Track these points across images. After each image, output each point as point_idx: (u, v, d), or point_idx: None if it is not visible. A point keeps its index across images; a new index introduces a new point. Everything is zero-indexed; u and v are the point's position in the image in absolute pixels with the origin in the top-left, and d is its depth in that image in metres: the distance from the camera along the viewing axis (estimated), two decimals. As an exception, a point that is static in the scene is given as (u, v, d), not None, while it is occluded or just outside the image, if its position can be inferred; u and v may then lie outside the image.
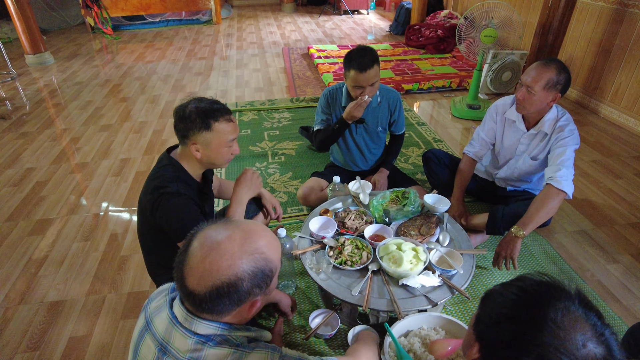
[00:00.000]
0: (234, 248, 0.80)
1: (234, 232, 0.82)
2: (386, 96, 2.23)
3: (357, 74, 1.95)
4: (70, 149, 3.23)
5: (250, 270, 0.80)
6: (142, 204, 1.47)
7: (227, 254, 0.79)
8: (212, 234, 0.82)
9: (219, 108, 1.42)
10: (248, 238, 0.83)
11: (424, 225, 1.82)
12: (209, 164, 1.50)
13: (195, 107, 1.39)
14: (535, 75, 1.78)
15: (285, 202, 2.50)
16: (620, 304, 1.82)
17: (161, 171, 1.45)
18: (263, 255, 0.82)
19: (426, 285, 1.54)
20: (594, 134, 3.33)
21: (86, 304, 1.88)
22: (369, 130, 2.27)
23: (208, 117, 1.38)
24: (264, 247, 0.84)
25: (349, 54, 1.99)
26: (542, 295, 0.64)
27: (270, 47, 6.00)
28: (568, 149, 1.82)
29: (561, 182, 1.76)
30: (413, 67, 4.65)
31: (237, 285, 0.79)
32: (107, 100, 4.19)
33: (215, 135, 1.40)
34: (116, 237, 2.29)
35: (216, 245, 0.80)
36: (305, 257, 1.68)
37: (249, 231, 0.84)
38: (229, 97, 4.16)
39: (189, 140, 1.42)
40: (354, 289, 1.53)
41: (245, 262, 0.80)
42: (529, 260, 2.03)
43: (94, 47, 6.14)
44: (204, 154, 1.44)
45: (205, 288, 0.78)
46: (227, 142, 1.45)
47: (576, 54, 3.83)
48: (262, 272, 0.82)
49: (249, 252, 0.81)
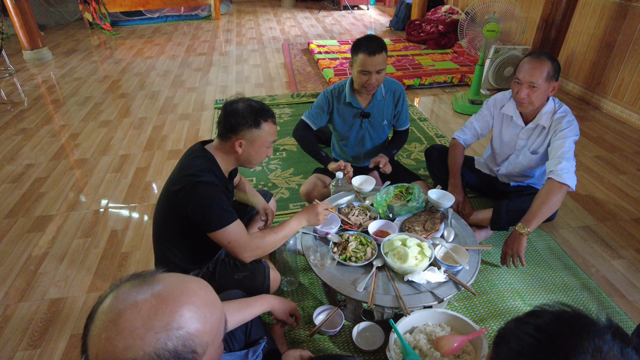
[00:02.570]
0: (135, 323, 0.59)
1: (145, 298, 0.61)
2: (390, 88, 2.21)
3: (365, 57, 1.92)
4: (70, 145, 3.20)
5: (154, 354, 0.58)
6: (170, 193, 1.45)
7: (125, 331, 0.58)
8: (123, 295, 0.63)
9: (267, 109, 1.50)
10: (160, 307, 0.61)
11: (429, 221, 1.80)
12: (245, 161, 1.53)
13: (248, 105, 1.45)
14: (534, 70, 1.76)
15: (287, 198, 2.48)
16: (626, 300, 1.80)
17: (194, 162, 1.45)
18: (179, 332, 0.60)
19: (431, 281, 1.53)
20: (597, 129, 3.32)
21: (87, 302, 1.86)
22: (374, 124, 2.25)
23: (259, 115, 1.45)
24: (184, 319, 0.62)
25: (357, 41, 1.98)
26: (565, 337, 0.52)
27: (270, 42, 5.96)
28: (567, 140, 1.80)
29: (562, 175, 1.74)
30: (414, 63, 4.62)
31: None
32: (106, 96, 4.16)
33: (261, 134, 1.46)
34: (116, 233, 2.27)
35: (117, 316, 0.60)
36: (308, 253, 1.67)
37: (166, 297, 0.62)
38: (229, 93, 4.13)
39: (234, 135, 1.45)
40: (359, 285, 1.52)
41: (148, 342, 0.58)
42: (533, 256, 2.01)
43: (93, 43, 6.10)
44: (245, 150, 1.48)
45: None
46: (268, 143, 1.51)
47: (578, 49, 3.80)
48: (175, 355, 0.60)
49: (157, 329, 0.59)
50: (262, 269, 1.61)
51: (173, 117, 3.64)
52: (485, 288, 1.83)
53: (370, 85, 2.01)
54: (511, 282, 1.86)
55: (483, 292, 1.81)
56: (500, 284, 1.85)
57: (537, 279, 1.89)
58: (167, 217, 1.52)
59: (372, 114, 2.21)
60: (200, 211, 1.38)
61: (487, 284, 1.85)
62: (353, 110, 2.21)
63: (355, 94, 2.17)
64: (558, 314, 0.55)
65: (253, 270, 1.61)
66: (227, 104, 1.47)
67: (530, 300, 1.78)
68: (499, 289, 1.82)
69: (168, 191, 1.46)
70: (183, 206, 1.39)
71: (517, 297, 1.78)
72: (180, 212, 1.42)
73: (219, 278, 1.61)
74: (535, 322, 0.55)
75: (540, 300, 1.77)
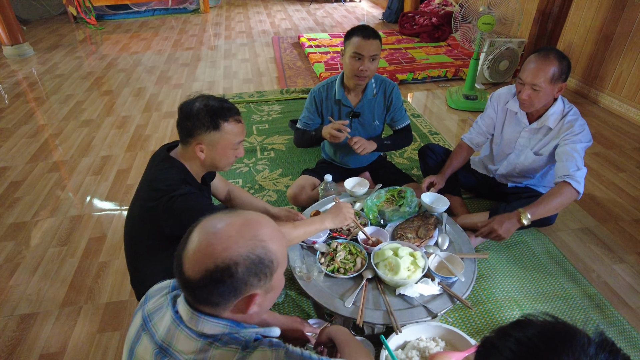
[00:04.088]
0: (231, 232, 0.75)
1: (234, 219, 0.79)
2: (382, 86, 2.10)
3: (360, 40, 1.83)
4: (49, 146, 3.06)
5: (245, 255, 0.74)
6: (145, 209, 1.33)
7: (223, 238, 0.75)
8: (212, 221, 0.78)
9: (228, 107, 1.33)
10: (248, 225, 0.78)
11: (422, 227, 1.70)
12: (212, 166, 1.40)
13: (204, 105, 1.29)
14: (537, 71, 1.64)
15: (275, 201, 2.37)
16: (629, 307, 1.72)
17: (165, 174, 1.33)
18: (263, 244, 0.77)
19: (425, 295, 1.43)
20: (594, 125, 3.23)
21: (60, 317, 1.74)
22: (365, 124, 2.14)
23: (217, 116, 1.29)
24: (265, 235, 0.78)
25: (351, 29, 1.90)
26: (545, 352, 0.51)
27: (259, 36, 5.81)
28: (579, 145, 1.71)
29: (580, 183, 1.65)
30: (407, 57, 4.50)
31: (231, 269, 0.73)
32: (89, 93, 4.00)
33: (223, 136, 1.32)
34: (95, 241, 2.15)
35: (214, 230, 0.76)
36: (294, 264, 1.56)
37: (251, 219, 0.80)
38: (217, 89, 3.99)
39: (193, 139, 1.32)
40: (347, 300, 1.42)
41: (242, 246, 0.74)
42: (532, 261, 1.92)
43: (77, 38, 5.91)
44: (208, 155, 1.34)
45: (199, 273, 0.73)
46: (234, 144, 1.36)
47: (576, 41, 3.70)
48: (259, 259, 0.75)
49: (247, 238, 0.76)
50: None
51: (157, 116, 3.50)
52: (481, 297, 1.73)
53: (362, 73, 1.88)
54: (509, 291, 1.77)
55: (480, 302, 1.71)
56: (498, 292, 1.76)
57: (536, 286, 1.80)
58: (145, 234, 1.40)
59: (363, 113, 2.10)
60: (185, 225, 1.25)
61: (484, 293, 1.75)
62: (342, 109, 2.10)
63: (346, 91, 2.06)
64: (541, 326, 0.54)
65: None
66: (183, 105, 1.31)
67: (529, 310, 1.68)
68: (496, 298, 1.73)
69: (142, 207, 1.33)
70: (166, 225, 1.28)
71: (515, 307, 1.69)
72: (162, 230, 1.31)
73: None
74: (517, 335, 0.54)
75: (538, 309, 1.68)
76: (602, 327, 1.62)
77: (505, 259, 1.93)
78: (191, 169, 1.38)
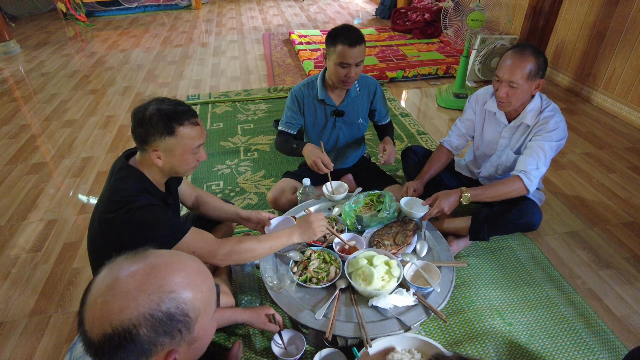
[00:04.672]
0: (130, 286, 0.64)
1: (137, 267, 0.67)
2: (365, 84, 2.04)
3: (345, 49, 1.74)
4: (29, 148, 3.00)
5: (148, 314, 0.62)
6: (103, 220, 1.26)
7: (119, 295, 0.63)
8: (114, 270, 0.67)
9: (184, 110, 1.24)
10: (152, 273, 0.66)
11: (400, 234, 1.65)
12: (172, 172, 1.33)
13: (156, 110, 1.20)
14: (514, 68, 1.59)
15: (255, 204, 2.31)
16: (613, 316, 1.67)
17: (122, 184, 1.26)
18: (172, 295, 0.65)
19: (399, 306, 1.38)
20: (586, 123, 3.16)
21: (28, 326, 1.69)
22: (349, 122, 2.08)
23: (171, 120, 1.20)
24: (176, 284, 0.66)
25: (334, 30, 1.79)
26: None
27: (250, 32, 5.73)
28: (548, 144, 1.66)
29: (532, 182, 1.66)
30: (398, 53, 4.43)
31: (131, 333, 0.62)
32: (74, 92, 3.93)
33: (179, 141, 1.23)
34: (70, 246, 2.09)
35: (113, 282, 0.65)
36: (265, 274, 1.51)
37: (158, 265, 0.68)
38: (203, 88, 3.92)
39: (148, 146, 1.24)
40: (318, 312, 1.36)
41: (142, 304, 0.63)
42: (516, 267, 1.87)
43: (66, 35, 5.83)
44: (166, 161, 1.27)
45: (98, 336, 0.62)
46: (192, 149, 1.27)
47: (568, 38, 3.63)
48: (168, 316, 0.64)
49: (150, 292, 0.64)
50: None
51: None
52: (461, 306, 1.68)
53: (349, 79, 1.84)
54: (490, 299, 1.71)
55: (459, 311, 1.66)
56: (478, 300, 1.70)
57: (518, 293, 1.74)
58: (106, 247, 1.34)
59: (347, 112, 2.04)
60: (147, 238, 1.20)
61: (464, 301, 1.70)
62: (326, 108, 2.04)
63: (328, 90, 1.99)
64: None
65: None
66: (136, 111, 1.23)
67: (511, 318, 1.63)
68: (476, 307, 1.67)
69: (101, 220, 1.26)
70: (125, 238, 1.21)
71: (496, 316, 1.64)
72: (121, 243, 1.23)
73: None
74: None
75: (521, 319, 1.63)
76: (586, 337, 1.56)
77: (488, 265, 1.87)
78: (151, 177, 1.31)
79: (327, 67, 1.89)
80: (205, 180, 2.51)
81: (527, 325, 1.61)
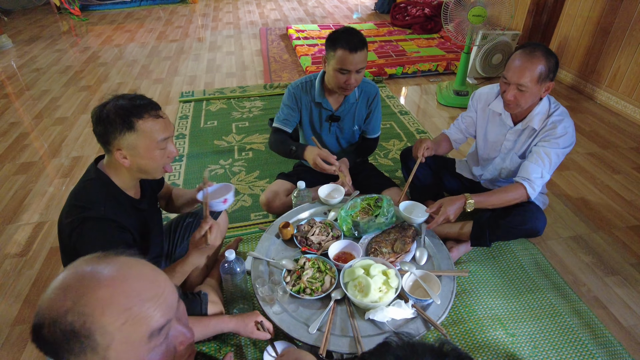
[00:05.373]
0: (62, 283, 0.62)
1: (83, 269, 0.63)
2: (365, 90, 1.96)
3: (346, 54, 1.66)
4: (17, 146, 2.91)
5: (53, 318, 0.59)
6: (62, 226, 1.22)
7: (53, 288, 0.61)
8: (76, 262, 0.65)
9: (142, 104, 1.17)
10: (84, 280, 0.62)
11: (399, 240, 1.58)
12: (141, 172, 1.24)
13: (114, 105, 1.14)
14: (523, 70, 1.50)
15: (249, 206, 2.23)
16: (620, 326, 1.60)
17: (84, 189, 1.20)
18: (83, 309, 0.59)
19: (397, 319, 1.31)
20: (590, 122, 3.08)
21: (10, 336, 1.62)
22: (344, 128, 2.01)
23: (129, 115, 1.13)
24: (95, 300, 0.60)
25: (334, 34, 1.71)
26: None
27: (247, 27, 5.62)
28: (554, 151, 1.60)
29: (535, 191, 1.63)
30: (398, 49, 4.33)
31: (39, 330, 0.59)
32: (66, 89, 3.84)
33: (141, 136, 1.16)
34: (56, 250, 2.01)
35: (61, 275, 0.64)
36: (256, 284, 1.44)
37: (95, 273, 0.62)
38: (198, 84, 3.83)
39: (111, 146, 1.17)
40: (312, 326, 1.29)
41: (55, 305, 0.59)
42: (519, 274, 1.80)
43: (60, 29, 5.71)
44: (132, 161, 1.19)
45: None
46: (157, 143, 1.19)
47: (572, 34, 3.54)
48: (71, 329, 0.58)
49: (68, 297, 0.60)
50: (197, 303, 1.40)
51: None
52: (462, 316, 1.61)
53: (348, 86, 1.75)
54: (492, 307, 1.65)
55: (460, 321, 1.59)
56: (480, 310, 1.63)
57: (521, 302, 1.67)
58: (64, 252, 1.30)
59: (342, 117, 1.97)
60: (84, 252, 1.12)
61: (465, 311, 1.63)
62: (322, 112, 1.96)
63: (326, 94, 1.91)
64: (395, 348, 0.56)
65: (188, 305, 1.38)
66: (94, 110, 1.18)
67: (513, 329, 1.56)
68: (478, 316, 1.61)
69: (61, 224, 1.21)
70: (76, 245, 1.16)
71: (498, 326, 1.57)
72: (74, 249, 1.18)
73: None
74: None
75: (524, 329, 1.56)
76: (592, 349, 1.50)
77: (490, 272, 1.81)
78: (120, 181, 1.24)
79: (327, 71, 1.81)
80: (199, 181, 2.43)
81: (530, 336, 1.54)
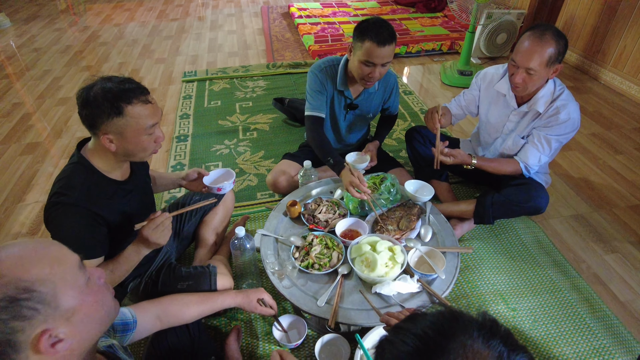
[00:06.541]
0: None
1: None
2: (384, 80, 1.96)
3: (374, 47, 1.62)
4: (22, 127, 2.92)
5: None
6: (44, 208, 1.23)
7: None
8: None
9: (131, 88, 1.15)
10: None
11: (404, 218, 1.61)
12: (127, 156, 1.23)
13: (102, 89, 1.12)
14: (532, 53, 1.49)
15: (255, 185, 2.26)
16: (617, 301, 1.65)
17: (65, 172, 1.19)
18: (4, 280, 0.61)
19: (403, 293, 1.35)
20: (594, 102, 3.08)
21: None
22: (359, 115, 2.01)
23: (118, 99, 1.12)
24: (6, 269, 0.62)
25: (364, 23, 1.66)
26: (435, 341, 0.54)
27: (248, 5, 5.54)
28: (555, 137, 1.65)
29: (529, 173, 1.76)
30: (401, 28, 4.29)
31: None
32: (68, 69, 3.82)
33: (129, 121, 1.14)
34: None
35: None
36: (266, 260, 1.48)
37: None
38: (200, 64, 3.81)
39: (98, 130, 1.15)
40: (321, 299, 1.34)
41: None
42: (520, 252, 1.84)
43: (58, 8, 5.63)
44: (119, 145, 1.17)
45: None
46: (145, 129, 1.18)
47: (578, 12, 3.50)
48: (9, 299, 0.60)
49: None
50: (207, 275, 1.43)
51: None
52: (465, 291, 1.66)
53: (372, 79, 1.73)
54: (494, 283, 1.69)
55: (463, 296, 1.64)
56: (483, 285, 1.68)
57: (523, 278, 1.72)
58: None
59: (361, 105, 1.97)
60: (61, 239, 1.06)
61: (468, 286, 1.68)
62: (342, 100, 1.95)
63: (349, 82, 1.90)
64: (432, 316, 0.57)
65: (197, 278, 1.42)
66: (80, 92, 1.14)
67: (515, 304, 1.61)
68: (480, 292, 1.65)
69: None
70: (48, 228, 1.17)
71: (500, 301, 1.62)
72: None
73: (162, 287, 1.42)
74: (409, 326, 0.57)
75: (524, 304, 1.61)
76: (589, 322, 1.55)
77: (493, 249, 1.85)
78: (104, 165, 1.22)
79: (351, 60, 1.77)
80: (204, 161, 2.46)
81: (531, 310, 1.59)
